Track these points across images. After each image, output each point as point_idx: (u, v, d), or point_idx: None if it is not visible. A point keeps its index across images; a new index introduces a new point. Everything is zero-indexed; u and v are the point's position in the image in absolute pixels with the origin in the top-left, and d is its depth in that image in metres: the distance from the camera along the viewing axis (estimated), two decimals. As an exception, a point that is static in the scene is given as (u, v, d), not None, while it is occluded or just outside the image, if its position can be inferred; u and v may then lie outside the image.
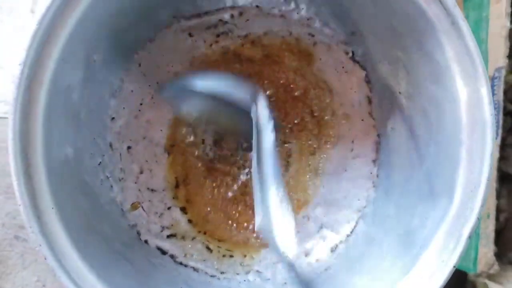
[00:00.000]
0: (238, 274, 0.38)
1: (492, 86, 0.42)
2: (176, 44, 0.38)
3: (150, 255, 0.37)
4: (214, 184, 0.40)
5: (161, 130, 0.39)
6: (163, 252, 0.38)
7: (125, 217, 0.37)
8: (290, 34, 0.39)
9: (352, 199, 0.39)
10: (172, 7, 0.36)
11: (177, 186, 0.40)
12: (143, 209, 0.38)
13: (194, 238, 0.39)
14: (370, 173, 0.39)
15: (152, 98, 0.39)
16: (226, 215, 0.40)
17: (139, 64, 0.38)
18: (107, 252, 0.31)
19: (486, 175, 0.27)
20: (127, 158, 0.38)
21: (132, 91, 0.38)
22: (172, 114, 0.39)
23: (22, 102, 0.27)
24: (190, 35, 0.38)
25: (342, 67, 0.39)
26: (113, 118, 0.37)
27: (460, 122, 0.28)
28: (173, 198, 0.39)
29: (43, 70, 0.27)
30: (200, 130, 0.40)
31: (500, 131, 0.44)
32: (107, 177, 0.37)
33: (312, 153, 0.40)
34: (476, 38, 0.27)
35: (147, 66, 0.38)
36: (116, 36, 0.33)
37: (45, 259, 0.27)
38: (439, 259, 0.28)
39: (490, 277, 0.44)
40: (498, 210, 0.45)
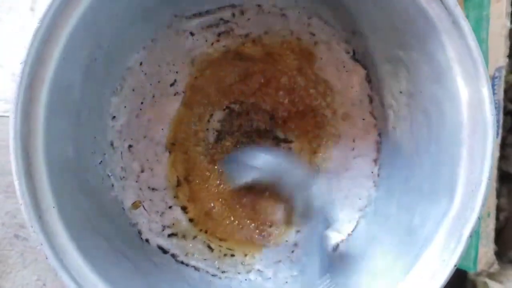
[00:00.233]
0: (239, 273, 0.38)
1: (492, 85, 0.42)
2: (177, 43, 0.38)
3: (151, 254, 0.36)
4: (218, 180, 0.40)
5: (162, 129, 0.39)
6: (164, 251, 0.38)
7: (126, 216, 0.37)
8: (291, 33, 0.39)
9: (353, 199, 0.39)
10: (173, 6, 0.36)
11: (178, 184, 0.40)
12: (144, 208, 0.38)
13: (195, 237, 0.39)
14: (371, 172, 0.39)
15: (153, 97, 0.39)
16: (230, 211, 0.40)
17: (140, 63, 0.38)
18: (108, 251, 0.31)
19: (487, 175, 0.27)
20: (128, 157, 0.38)
21: (133, 90, 0.38)
22: (173, 113, 0.39)
23: (23, 101, 0.27)
24: (191, 34, 0.38)
25: (343, 66, 0.39)
26: (114, 117, 0.37)
27: (461, 122, 0.28)
28: (174, 197, 0.39)
29: (44, 69, 0.27)
30: (201, 128, 0.40)
31: (500, 131, 0.44)
32: (108, 176, 0.36)
33: (313, 152, 0.40)
34: (476, 38, 0.27)
35: (149, 65, 0.38)
36: (117, 34, 0.33)
37: (46, 259, 0.27)
38: (440, 259, 0.28)
39: (490, 276, 0.44)
40: (498, 209, 0.45)
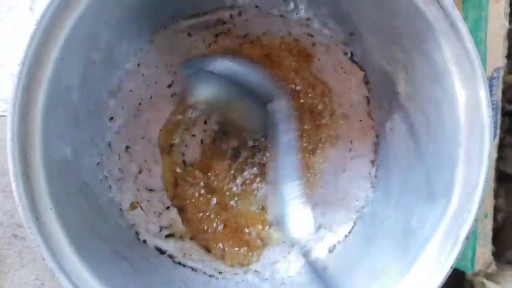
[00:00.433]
0: (236, 274, 0.38)
1: (490, 86, 0.42)
2: (175, 44, 0.38)
3: (149, 255, 0.37)
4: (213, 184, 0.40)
5: (159, 130, 0.39)
6: (162, 252, 0.38)
7: (123, 217, 0.37)
8: (289, 34, 0.39)
9: (350, 200, 0.39)
10: (171, 7, 0.36)
11: (175, 185, 0.40)
12: (142, 209, 0.38)
13: (192, 237, 0.39)
14: (369, 173, 0.39)
15: (151, 98, 0.39)
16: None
17: (138, 64, 0.38)
18: (106, 252, 0.31)
19: (484, 177, 0.27)
20: (126, 158, 0.38)
21: (131, 91, 0.38)
22: (170, 114, 0.39)
23: (21, 102, 0.27)
24: (189, 35, 0.38)
25: (341, 68, 0.39)
26: (112, 118, 0.37)
27: (458, 123, 0.28)
28: (171, 198, 0.39)
29: (42, 70, 0.27)
30: (198, 130, 0.40)
31: (498, 131, 0.44)
32: (106, 177, 0.36)
33: (310, 153, 0.40)
34: (475, 38, 0.27)
35: (146, 66, 0.38)
36: (115, 36, 0.33)
37: (43, 260, 0.27)
38: (437, 260, 0.28)
39: (488, 276, 0.44)
40: (496, 210, 0.45)
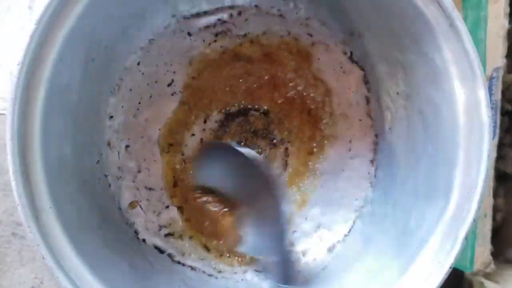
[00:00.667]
0: (235, 273, 0.38)
1: (490, 86, 0.42)
2: (174, 43, 0.38)
3: (148, 254, 0.37)
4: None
5: (159, 129, 0.39)
6: (161, 251, 0.38)
7: (123, 216, 0.37)
8: (289, 34, 0.39)
9: (349, 199, 0.39)
10: (171, 7, 0.36)
11: (175, 185, 0.40)
12: (141, 208, 0.38)
13: (191, 237, 0.39)
14: (368, 173, 0.39)
15: (150, 97, 0.39)
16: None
17: (138, 63, 0.38)
18: (105, 251, 0.32)
19: (483, 177, 0.27)
20: (125, 157, 0.38)
21: (130, 90, 0.38)
22: (170, 114, 0.39)
23: (20, 101, 0.27)
24: (189, 35, 0.38)
25: (341, 67, 0.39)
26: (111, 117, 0.37)
27: (457, 124, 0.28)
28: (171, 197, 0.39)
29: (41, 69, 0.27)
30: (198, 129, 0.40)
31: (497, 131, 0.44)
32: (105, 175, 0.37)
33: (310, 152, 0.40)
34: (474, 38, 0.27)
35: (146, 65, 0.38)
36: (114, 35, 0.33)
37: (43, 259, 0.27)
38: (436, 260, 0.28)
39: (487, 276, 0.44)
40: (495, 209, 0.45)
